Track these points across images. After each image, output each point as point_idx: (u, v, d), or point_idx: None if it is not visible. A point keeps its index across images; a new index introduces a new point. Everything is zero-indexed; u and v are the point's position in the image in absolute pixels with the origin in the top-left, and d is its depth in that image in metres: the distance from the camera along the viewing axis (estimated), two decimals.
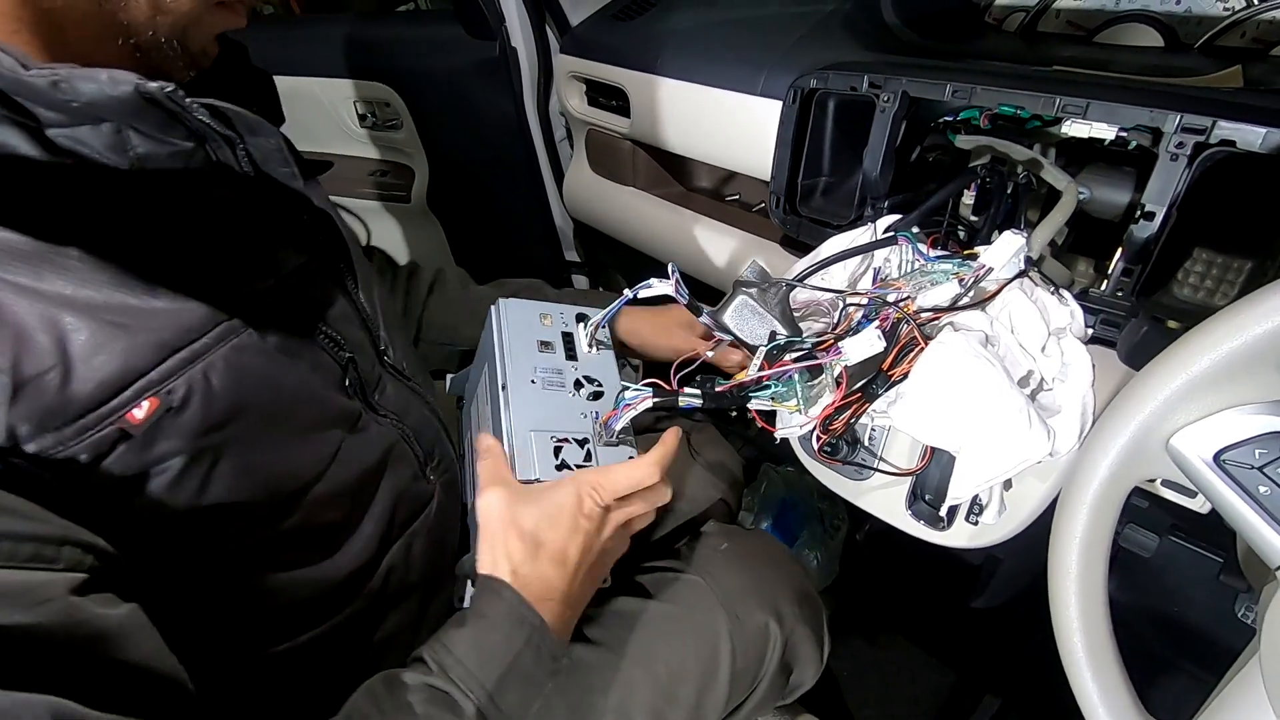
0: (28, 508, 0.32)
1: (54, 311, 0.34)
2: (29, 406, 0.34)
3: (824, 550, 1.25)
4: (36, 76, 0.33)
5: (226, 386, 0.41)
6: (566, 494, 0.52)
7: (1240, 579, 0.55)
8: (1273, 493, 0.39)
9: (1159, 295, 0.67)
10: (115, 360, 0.36)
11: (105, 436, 0.36)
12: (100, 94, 0.35)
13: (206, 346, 0.40)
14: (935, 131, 0.79)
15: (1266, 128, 0.51)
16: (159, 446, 0.39)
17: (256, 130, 0.43)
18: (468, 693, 0.44)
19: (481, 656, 0.45)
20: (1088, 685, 0.47)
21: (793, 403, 0.57)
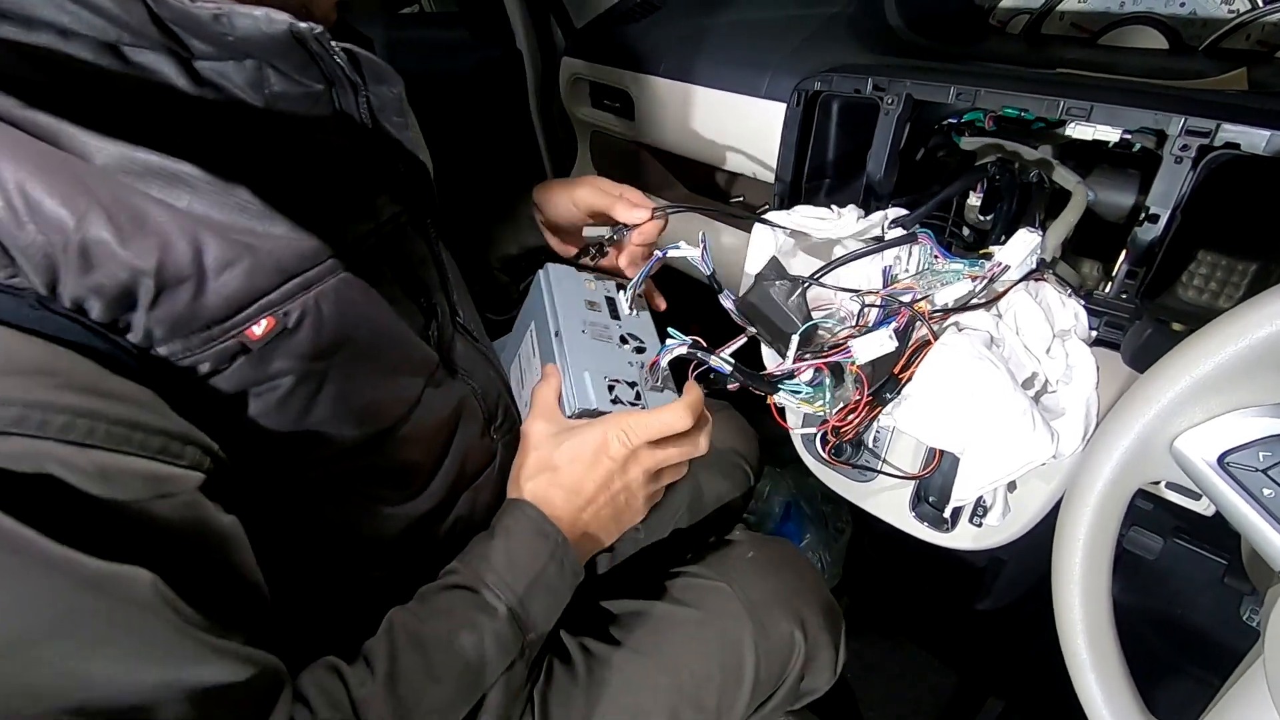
0: (158, 404, 0.34)
1: (192, 227, 0.36)
2: (165, 311, 0.36)
3: (829, 552, 1.25)
4: (201, 9, 0.35)
5: (333, 315, 0.43)
6: (595, 433, 0.54)
7: (1245, 581, 0.55)
8: (1277, 495, 0.39)
9: (1163, 298, 0.67)
10: (241, 278, 0.38)
11: (226, 348, 0.38)
12: (255, 30, 0.36)
13: (319, 276, 0.42)
14: (939, 133, 0.79)
15: (1271, 130, 0.51)
16: (272, 364, 0.41)
17: (382, 78, 0.45)
18: (499, 594, 0.47)
19: (510, 565, 0.49)
20: (1091, 687, 0.47)
21: (819, 404, 0.58)
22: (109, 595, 0.30)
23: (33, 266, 0.32)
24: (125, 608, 0.31)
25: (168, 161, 0.36)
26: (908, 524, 0.68)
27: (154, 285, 0.35)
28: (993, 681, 1.17)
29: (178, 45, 0.36)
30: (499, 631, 0.47)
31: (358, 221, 0.48)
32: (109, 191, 0.34)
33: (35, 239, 0.32)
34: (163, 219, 0.35)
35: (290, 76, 0.41)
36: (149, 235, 0.35)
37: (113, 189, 0.34)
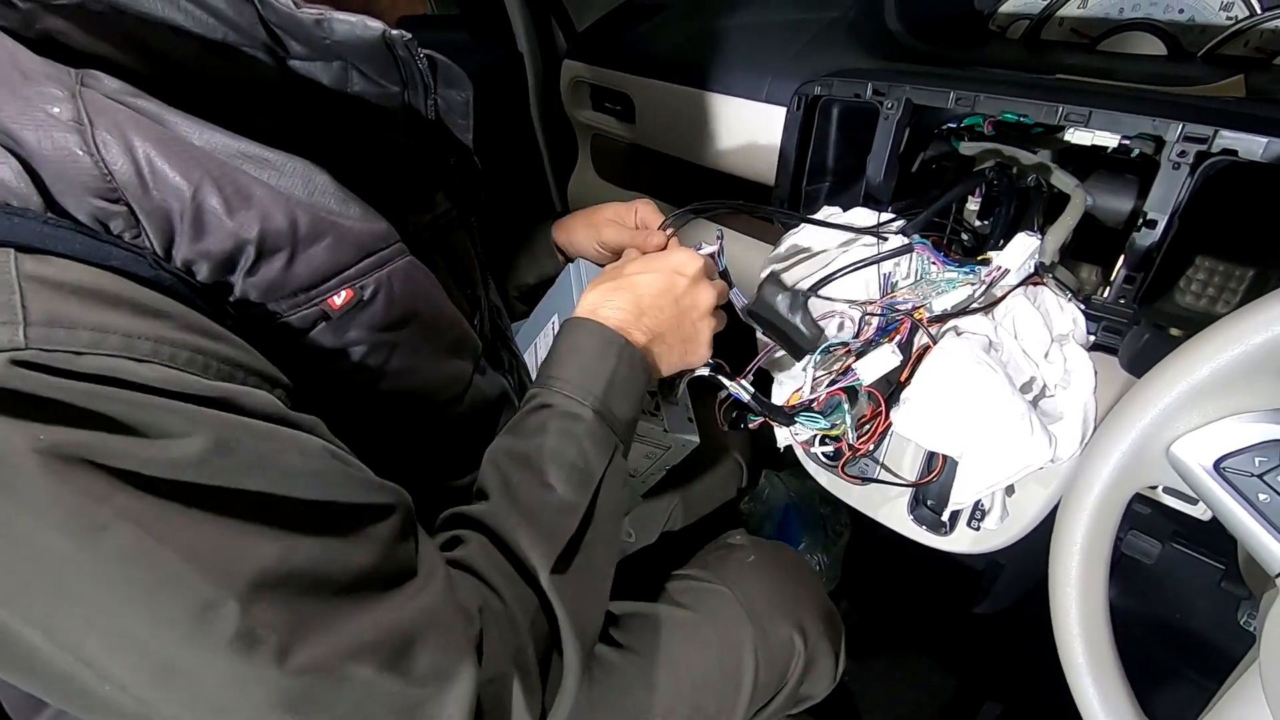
0: (252, 350, 0.38)
1: (286, 203, 0.40)
2: (261, 277, 0.39)
3: (827, 555, 1.25)
4: (305, 13, 0.38)
5: (402, 292, 0.46)
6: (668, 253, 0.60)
7: (1242, 586, 0.55)
8: (1272, 500, 0.39)
9: (1161, 303, 0.67)
10: (326, 252, 0.41)
11: (309, 315, 0.42)
12: (351, 34, 0.40)
13: (390, 256, 0.45)
14: (939, 138, 0.79)
15: (1268, 137, 0.51)
16: (348, 333, 0.44)
17: (453, 83, 0.49)
18: (583, 401, 0.50)
19: (584, 374, 0.52)
20: (1088, 691, 0.47)
21: (839, 428, 0.59)
22: (292, 448, 0.35)
23: (154, 229, 0.35)
24: (306, 457, 0.36)
25: (256, 148, 0.39)
26: (906, 527, 0.68)
27: (254, 252, 0.38)
28: (991, 685, 1.17)
29: (277, 45, 0.40)
30: (592, 432, 0.50)
31: (418, 212, 0.52)
32: (217, 167, 0.37)
33: (159, 204, 0.35)
34: (262, 194, 0.39)
35: (371, 78, 0.44)
36: (252, 208, 0.38)
37: (219, 165, 0.37)
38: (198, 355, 0.34)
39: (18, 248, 0.31)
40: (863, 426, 0.60)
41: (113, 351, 0.31)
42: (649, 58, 0.98)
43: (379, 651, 0.35)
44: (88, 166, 0.33)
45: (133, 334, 0.32)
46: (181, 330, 0.34)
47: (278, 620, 0.32)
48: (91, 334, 0.31)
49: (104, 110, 0.34)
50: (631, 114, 1.02)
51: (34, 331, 0.30)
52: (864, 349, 0.59)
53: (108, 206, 0.34)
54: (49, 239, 0.32)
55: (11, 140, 0.32)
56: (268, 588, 0.32)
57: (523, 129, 1.26)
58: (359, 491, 0.38)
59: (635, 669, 0.66)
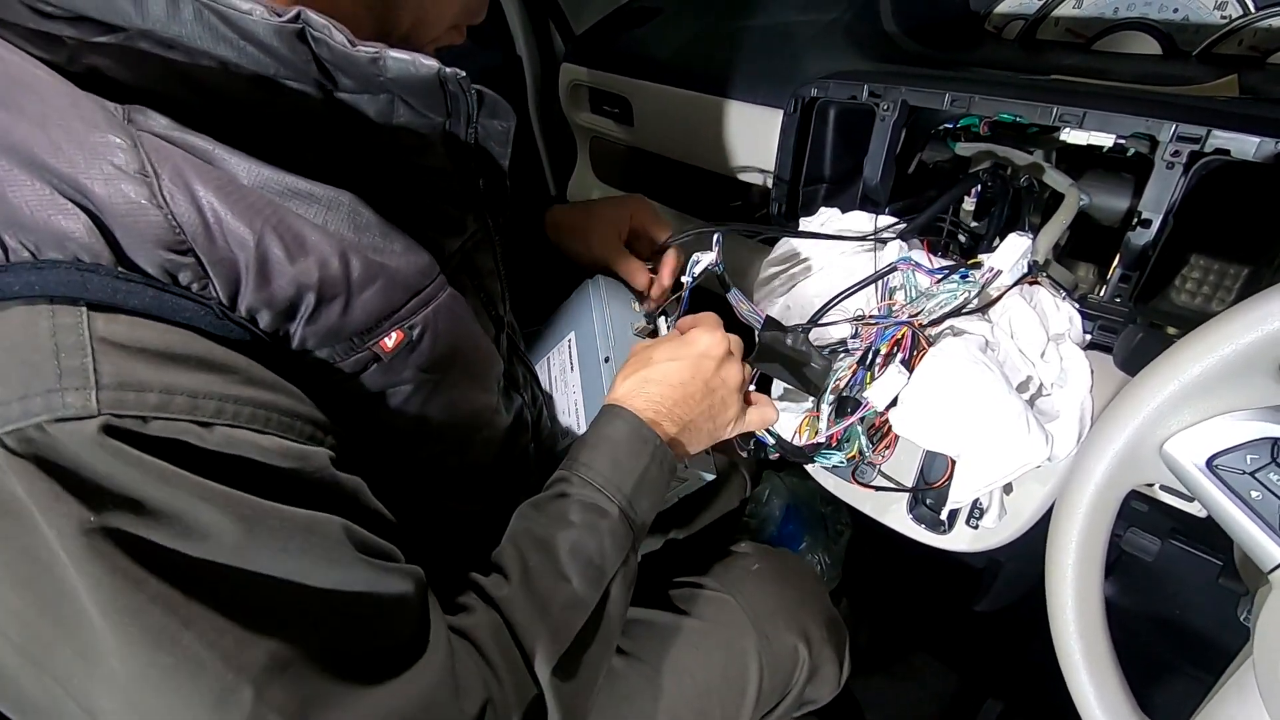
0: (309, 401, 0.39)
1: (339, 246, 0.39)
2: (321, 324, 0.39)
3: (828, 555, 1.26)
4: (360, 52, 0.37)
5: (446, 329, 0.47)
6: (696, 334, 0.59)
7: (1239, 582, 0.55)
8: (1264, 497, 0.39)
9: (1157, 302, 0.68)
10: (379, 295, 0.42)
11: (362, 358, 0.42)
12: (405, 72, 0.39)
13: (433, 293, 0.46)
14: (935, 139, 0.80)
15: (1260, 137, 0.52)
16: (399, 373, 0.45)
17: (497, 114, 0.48)
18: (611, 498, 0.51)
19: (617, 470, 0.52)
20: (1085, 688, 0.47)
21: (855, 450, 0.61)
22: (316, 534, 0.35)
23: (221, 279, 0.35)
24: (326, 544, 0.36)
25: (304, 184, 0.39)
26: (905, 526, 0.68)
27: (314, 299, 0.38)
28: (992, 682, 1.17)
29: (327, 80, 0.39)
30: (614, 530, 0.50)
31: (450, 237, 0.51)
32: (274, 213, 0.37)
33: (225, 254, 0.35)
34: (316, 239, 0.38)
35: (417, 109, 0.44)
36: (309, 254, 0.38)
37: (274, 210, 0.37)
38: (259, 410, 0.35)
39: (90, 305, 0.31)
40: (873, 435, 0.61)
41: (179, 415, 0.32)
42: (647, 61, 0.98)
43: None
44: (157, 220, 0.33)
45: (198, 393, 0.33)
46: (244, 385, 0.35)
47: (288, 704, 0.33)
48: (159, 396, 0.31)
49: (164, 156, 0.34)
50: (630, 117, 1.03)
51: (105, 395, 0.30)
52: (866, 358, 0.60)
53: (177, 259, 0.34)
54: (120, 294, 0.32)
55: (80, 194, 0.32)
56: (279, 671, 0.33)
57: (521, 132, 1.26)
58: (378, 578, 0.38)
59: (640, 676, 0.67)
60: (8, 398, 0.29)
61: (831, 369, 0.61)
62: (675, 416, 0.56)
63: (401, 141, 0.45)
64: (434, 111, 0.45)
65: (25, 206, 0.31)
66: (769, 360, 0.63)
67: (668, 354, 0.58)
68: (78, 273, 0.31)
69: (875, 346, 0.60)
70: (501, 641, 0.43)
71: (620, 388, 0.57)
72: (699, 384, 0.58)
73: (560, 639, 0.45)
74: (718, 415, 0.59)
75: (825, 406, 0.61)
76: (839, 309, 0.65)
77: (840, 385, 0.61)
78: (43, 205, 0.31)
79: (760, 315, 0.65)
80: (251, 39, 0.35)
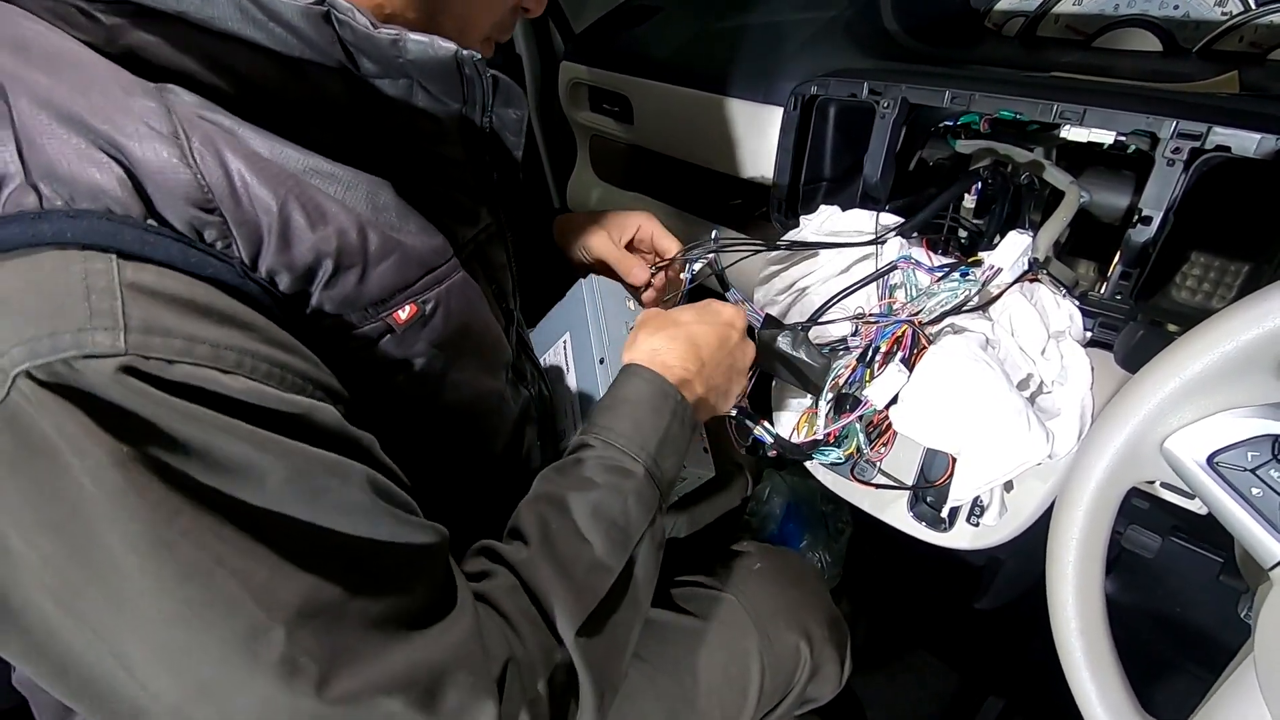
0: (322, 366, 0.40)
1: (358, 221, 0.41)
2: (337, 291, 0.41)
3: (829, 553, 1.26)
4: (382, 34, 0.39)
5: (458, 307, 0.48)
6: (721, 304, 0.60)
7: (1240, 579, 0.55)
8: (1265, 494, 0.39)
9: (1157, 299, 0.68)
10: (394, 269, 0.43)
11: (376, 328, 0.43)
12: (423, 53, 0.41)
13: (447, 272, 0.47)
14: (936, 136, 0.80)
15: (1261, 133, 0.52)
16: (410, 347, 0.46)
17: (511, 102, 0.50)
18: (635, 457, 0.50)
19: (639, 429, 0.52)
20: (1086, 685, 0.47)
21: (853, 448, 0.61)
22: (340, 478, 0.36)
23: (244, 239, 0.37)
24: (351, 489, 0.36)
25: (325, 164, 0.41)
26: (906, 524, 0.68)
27: (332, 266, 0.40)
28: (993, 680, 1.17)
29: (350, 63, 0.41)
30: (639, 490, 0.50)
31: (465, 226, 0.52)
32: (295, 184, 0.39)
33: (249, 216, 0.37)
34: (335, 211, 0.40)
35: (434, 95, 0.45)
36: (329, 224, 0.40)
37: (296, 182, 0.39)
38: (275, 368, 0.35)
39: (119, 253, 0.32)
40: (871, 432, 0.61)
41: (202, 361, 0.33)
42: (647, 59, 0.98)
43: (411, 687, 0.35)
44: (188, 179, 0.35)
45: (220, 344, 0.33)
46: (263, 343, 0.35)
47: (318, 649, 0.33)
48: (183, 342, 0.32)
49: (194, 125, 0.36)
50: (630, 115, 1.03)
51: (133, 338, 0.31)
52: (866, 356, 0.60)
53: (204, 216, 0.35)
54: (149, 245, 0.33)
55: (116, 150, 0.34)
56: (311, 617, 0.33)
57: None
58: (402, 529, 0.39)
59: (641, 675, 0.67)
60: (38, 334, 0.30)
61: (831, 367, 0.61)
62: (703, 378, 0.56)
63: (419, 127, 0.46)
64: (450, 97, 0.46)
65: (63, 159, 0.32)
66: (768, 359, 0.63)
67: (694, 316, 0.58)
68: (109, 223, 0.33)
69: (875, 344, 0.60)
70: (520, 602, 0.43)
71: (642, 345, 0.57)
72: (725, 351, 0.58)
73: (584, 601, 0.45)
74: (729, 390, 0.60)
75: (824, 405, 0.61)
76: (839, 307, 0.65)
77: (839, 383, 0.61)
78: (80, 158, 0.33)
79: (760, 314, 0.65)
80: (280, 20, 0.37)
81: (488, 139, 0.51)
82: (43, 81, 0.33)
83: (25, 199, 0.32)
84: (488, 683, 0.38)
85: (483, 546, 0.48)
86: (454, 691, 0.37)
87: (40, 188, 0.32)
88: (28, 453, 0.30)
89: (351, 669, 0.34)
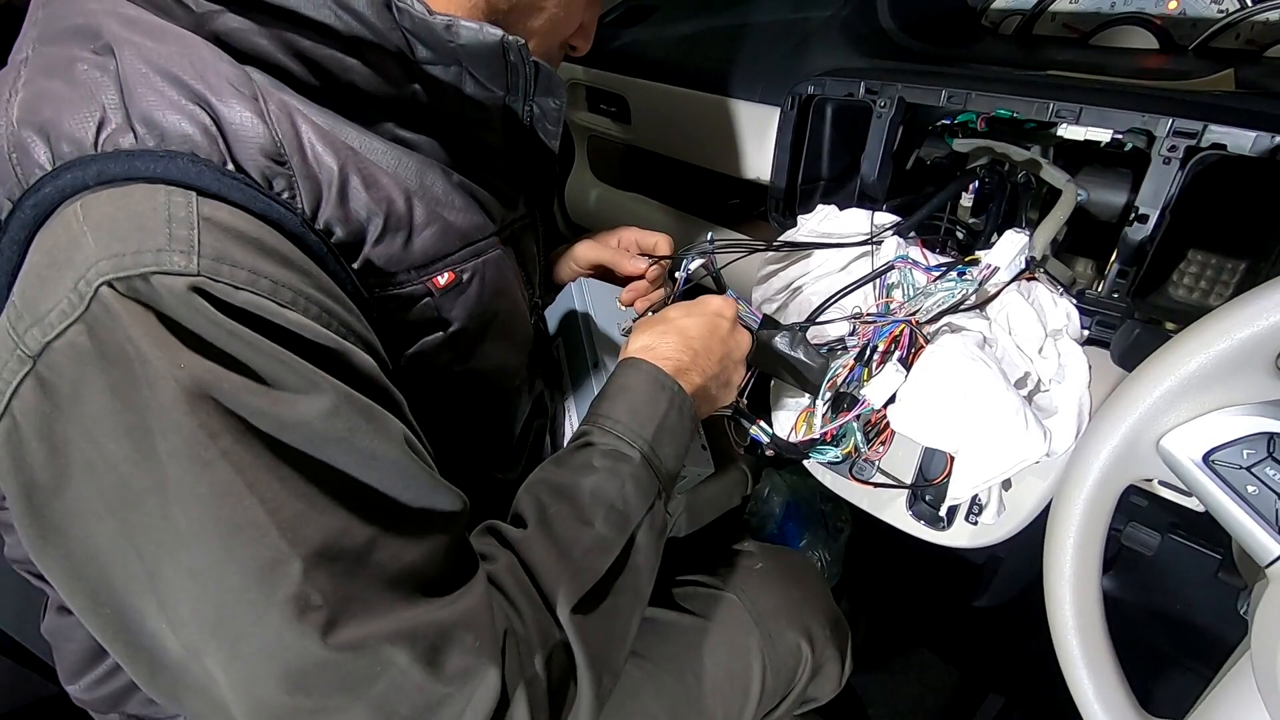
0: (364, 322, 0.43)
1: (407, 191, 0.46)
2: (384, 249, 0.45)
3: (828, 551, 1.26)
4: (436, 19, 0.44)
5: (492, 281, 0.52)
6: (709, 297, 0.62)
7: (1238, 576, 0.55)
8: (1260, 492, 0.39)
9: (1155, 297, 0.68)
10: (436, 237, 0.47)
11: (417, 290, 0.47)
12: (474, 39, 0.45)
13: (485, 248, 0.52)
14: (933, 135, 0.80)
15: (1256, 131, 0.52)
16: (448, 311, 0.50)
17: (551, 90, 0.53)
18: (632, 443, 0.51)
19: (635, 416, 0.53)
20: (1084, 683, 0.47)
21: (850, 447, 0.61)
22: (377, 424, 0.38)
23: (307, 192, 0.41)
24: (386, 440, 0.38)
25: (378, 141, 0.46)
26: (905, 523, 0.68)
27: (381, 224, 0.44)
28: (993, 678, 1.18)
29: (407, 49, 0.44)
30: (636, 475, 0.50)
31: (505, 210, 0.56)
32: (353, 156, 0.43)
33: (314, 173, 0.41)
34: (387, 182, 0.45)
35: (481, 82, 0.48)
36: (381, 189, 0.44)
37: (355, 155, 0.44)
38: (324, 312, 0.38)
39: (199, 191, 0.36)
40: (869, 431, 0.61)
41: (263, 293, 0.35)
42: (644, 59, 0.98)
43: (417, 642, 0.36)
44: (264, 133, 0.39)
45: (279, 281, 0.36)
46: (314, 288, 0.38)
47: (331, 591, 0.34)
48: (248, 274, 0.35)
49: (270, 94, 0.41)
50: (627, 115, 1.03)
51: (204, 263, 0.34)
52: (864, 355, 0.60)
53: (275, 167, 0.39)
54: (225, 187, 0.37)
55: (204, 104, 0.38)
56: (329, 559, 0.34)
57: None
58: (427, 490, 0.40)
59: (643, 674, 0.67)
60: (123, 251, 0.33)
61: (829, 367, 0.61)
62: (698, 368, 0.57)
63: (466, 114, 0.50)
64: (496, 84, 0.49)
65: (159, 107, 0.37)
66: (766, 359, 0.63)
67: (681, 311, 0.60)
68: (193, 165, 0.36)
69: (873, 344, 0.60)
70: (518, 578, 0.44)
71: (636, 342, 0.58)
72: (717, 339, 0.59)
73: (582, 581, 0.45)
74: (726, 381, 0.60)
75: (821, 405, 0.61)
76: (836, 307, 0.65)
77: (837, 382, 0.61)
78: (173, 108, 0.37)
79: (757, 315, 0.65)
80: (348, 8, 0.41)
81: (526, 131, 0.54)
82: (149, 45, 0.38)
83: (123, 138, 0.36)
84: (494, 650, 0.39)
85: (488, 526, 0.48)
86: (459, 653, 0.37)
87: (137, 129, 0.36)
88: (105, 359, 0.32)
89: (361, 617, 0.35)
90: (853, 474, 0.64)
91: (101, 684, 0.56)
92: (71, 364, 0.33)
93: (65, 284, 0.33)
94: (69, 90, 0.36)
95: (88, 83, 0.36)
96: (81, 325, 0.32)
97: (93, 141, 0.35)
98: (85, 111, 0.36)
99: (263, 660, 0.33)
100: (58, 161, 0.35)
